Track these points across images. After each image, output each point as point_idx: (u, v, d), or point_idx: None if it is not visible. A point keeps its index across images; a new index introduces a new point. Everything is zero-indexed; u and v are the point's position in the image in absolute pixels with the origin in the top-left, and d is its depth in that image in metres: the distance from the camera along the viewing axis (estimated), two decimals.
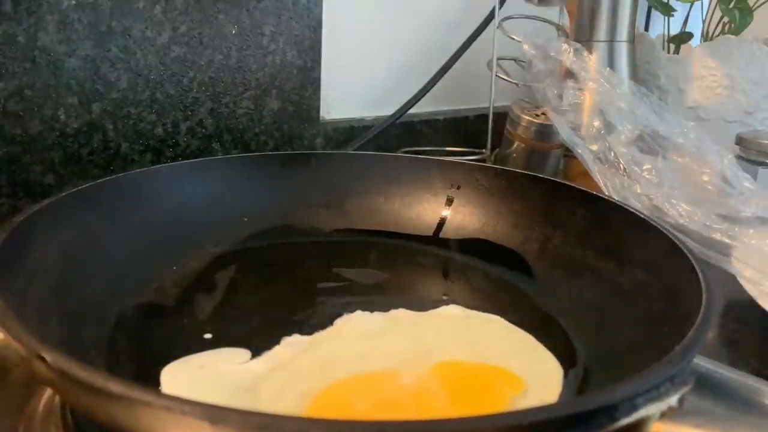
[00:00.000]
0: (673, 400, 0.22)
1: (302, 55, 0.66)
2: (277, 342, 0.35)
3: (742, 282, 0.45)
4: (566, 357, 0.34)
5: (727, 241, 0.49)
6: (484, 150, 0.71)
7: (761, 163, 0.62)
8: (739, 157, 0.59)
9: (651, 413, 0.21)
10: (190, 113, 0.60)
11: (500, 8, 0.67)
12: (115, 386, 0.21)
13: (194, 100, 0.60)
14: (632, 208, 0.42)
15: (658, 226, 0.38)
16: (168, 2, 0.56)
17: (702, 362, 0.36)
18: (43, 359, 0.23)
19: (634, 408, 0.21)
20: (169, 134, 0.59)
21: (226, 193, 0.48)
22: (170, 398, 0.20)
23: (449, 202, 0.50)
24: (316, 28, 0.66)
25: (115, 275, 0.38)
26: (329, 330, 0.37)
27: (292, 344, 0.35)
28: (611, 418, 0.20)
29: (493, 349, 0.35)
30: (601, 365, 0.33)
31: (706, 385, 0.34)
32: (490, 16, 0.69)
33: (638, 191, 0.49)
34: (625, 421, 0.21)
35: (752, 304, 0.43)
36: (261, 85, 0.64)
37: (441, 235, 0.50)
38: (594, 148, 0.53)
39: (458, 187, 0.50)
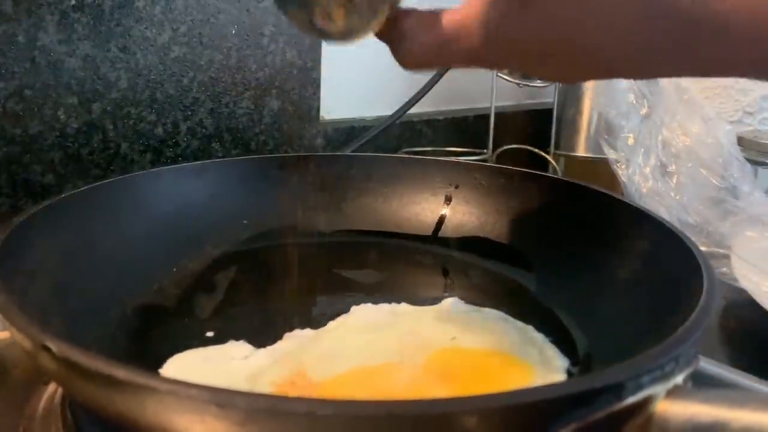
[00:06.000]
0: (678, 379, 0.22)
1: (302, 55, 0.66)
2: (280, 338, 0.35)
3: (742, 282, 0.45)
4: (568, 349, 0.35)
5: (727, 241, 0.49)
6: (485, 150, 0.71)
7: (761, 163, 0.62)
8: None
9: (657, 392, 0.22)
10: (190, 113, 0.60)
11: None
12: (121, 372, 0.20)
13: (194, 100, 0.60)
14: (628, 200, 0.42)
15: (656, 217, 0.38)
16: (168, 2, 0.56)
17: (702, 362, 0.36)
18: (48, 349, 0.23)
19: (640, 387, 0.21)
20: (169, 134, 0.59)
21: (226, 195, 0.48)
22: (176, 382, 0.20)
23: (448, 201, 0.51)
24: None
25: (115, 276, 0.38)
26: (332, 323, 0.37)
27: (294, 339, 0.35)
28: (618, 397, 0.21)
29: (496, 340, 0.35)
30: (603, 356, 0.33)
31: (705, 384, 0.34)
32: None
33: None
34: (631, 400, 0.21)
35: (752, 304, 0.43)
36: (261, 85, 0.64)
37: (440, 234, 0.50)
38: None
39: (456, 186, 0.50)
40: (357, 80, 0.74)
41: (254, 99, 0.64)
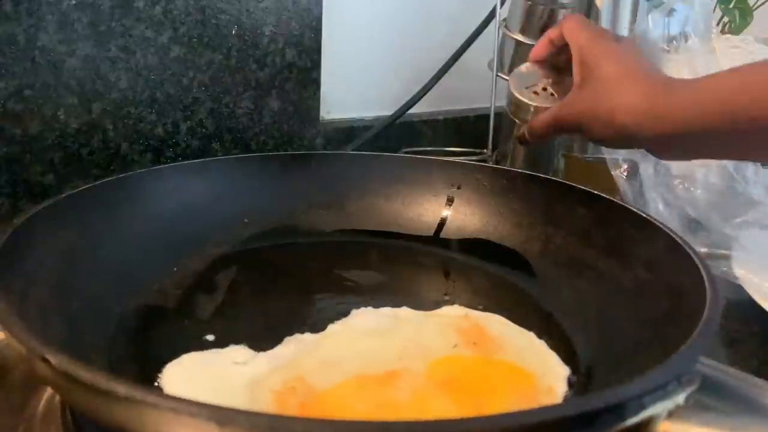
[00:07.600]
0: (680, 398, 0.22)
1: (302, 55, 0.65)
2: (280, 341, 0.35)
3: (742, 282, 0.45)
4: (568, 357, 0.35)
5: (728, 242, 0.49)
6: (485, 150, 0.71)
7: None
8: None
9: (658, 412, 0.21)
10: (190, 113, 0.60)
11: (501, 8, 0.67)
12: (121, 388, 0.20)
13: (194, 100, 0.60)
14: (633, 206, 0.42)
15: (660, 224, 0.38)
16: (168, 2, 0.56)
17: (703, 362, 0.36)
18: (46, 361, 0.22)
19: (642, 407, 0.21)
20: (169, 134, 0.59)
21: (227, 194, 0.48)
22: (177, 400, 0.20)
23: (450, 202, 0.50)
24: (316, 28, 0.66)
25: (116, 276, 0.38)
26: (333, 328, 0.37)
27: (294, 343, 0.35)
28: (619, 417, 0.20)
29: (497, 347, 0.35)
30: (605, 365, 0.33)
31: (706, 385, 0.34)
32: (491, 16, 0.69)
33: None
34: (632, 420, 0.21)
35: (752, 304, 0.43)
36: (261, 85, 0.64)
37: (442, 235, 0.50)
38: None
39: (459, 187, 0.50)
40: (357, 80, 0.74)
41: (254, 99, 0.63)
